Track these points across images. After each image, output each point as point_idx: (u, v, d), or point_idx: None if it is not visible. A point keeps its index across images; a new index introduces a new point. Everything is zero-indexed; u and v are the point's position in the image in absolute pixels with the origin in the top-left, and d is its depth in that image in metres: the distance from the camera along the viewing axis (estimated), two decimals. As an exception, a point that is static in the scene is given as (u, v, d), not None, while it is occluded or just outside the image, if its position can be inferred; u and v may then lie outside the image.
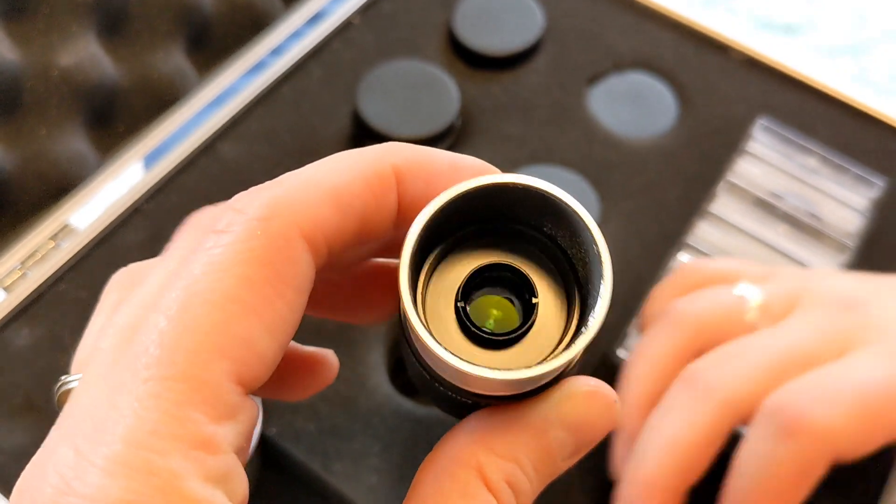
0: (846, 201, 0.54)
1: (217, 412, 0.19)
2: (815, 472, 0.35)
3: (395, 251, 0.23)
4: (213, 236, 0.21)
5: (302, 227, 0.21)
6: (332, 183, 0.22)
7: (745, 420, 0.37)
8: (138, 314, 0.22)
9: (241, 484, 0.20)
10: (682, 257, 0.51)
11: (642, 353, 0.41)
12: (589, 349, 0.22)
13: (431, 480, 0.23)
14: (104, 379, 0.20)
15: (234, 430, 0.20)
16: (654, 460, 0.37)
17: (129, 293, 0.24)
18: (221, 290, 0.20)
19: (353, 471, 0.43)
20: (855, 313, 0.39)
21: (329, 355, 0.32)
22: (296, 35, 0.59)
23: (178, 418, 0.19)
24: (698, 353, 0.39)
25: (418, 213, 0.23)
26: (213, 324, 0.20)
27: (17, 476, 0.21)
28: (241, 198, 0.22)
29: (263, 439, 0.43)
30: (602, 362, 0.47)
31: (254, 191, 0.22)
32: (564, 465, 0.25)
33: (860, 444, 0.36)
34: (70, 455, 0.19)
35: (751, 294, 0.40)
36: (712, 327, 0.40)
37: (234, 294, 0.20)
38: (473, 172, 0.24)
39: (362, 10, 0.61)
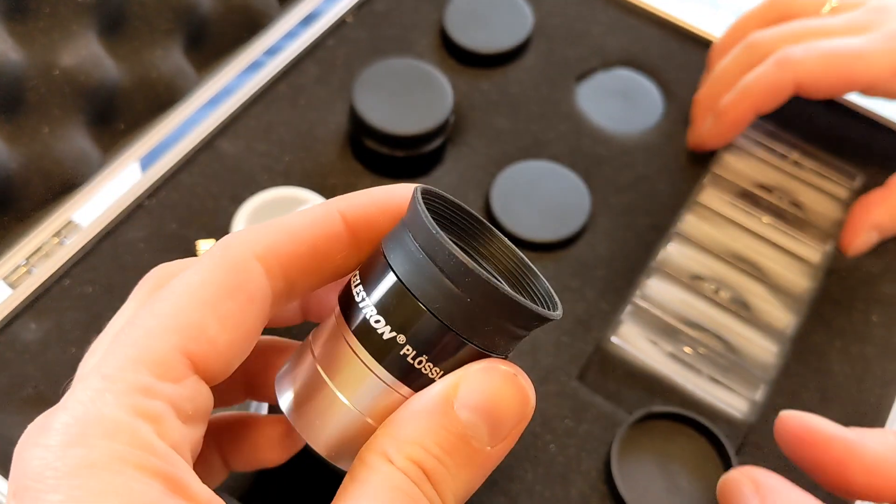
0: (828, 192, 0.56)
1: (161, 372, 0.24)
2: (783, 90, 0.52)
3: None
4: (191, 263, 0.28)
5: (255, 250, 0.27)
6: (284, 222, 0.29)
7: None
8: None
9: (175, 431, 0.24)
10: (671, 247, 0.53)
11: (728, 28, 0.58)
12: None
13: (350, 471, 0.26)
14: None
15: (176, 391, 0.25)
16: (704, 86, 0.57)
17: (153, 289, 0.30)
18: (183, 289, 0.26)
19: (357, 456, 0.44)
20: (881, 13, 0.52)
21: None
22: (291, 34, 0.60)
23: (126, 369, 0.24)
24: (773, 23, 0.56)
25: (372, 236, 0.30)
26: (169, 310, 0.25)
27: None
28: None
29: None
30: (596, 350, 0.49)
31: (227, 235, 0.29)
32: (494, 450, 0.26)
33: (819, 81, 0.51)
34: (49, 411, 0.24)
35: None
36: (788, 7, 0.56)
37: (192, 292, 0.26)
38: (404, 193, 0.30)
39: (356, 9, 0.62)
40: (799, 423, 0.33)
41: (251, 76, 0.58)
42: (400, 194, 0.30)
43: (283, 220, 0.29)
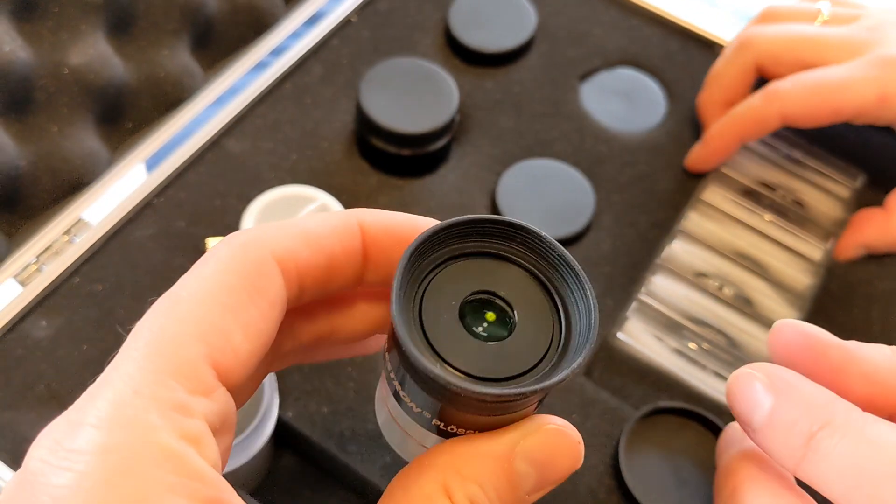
0: (830, 191, 0.56)
1: (192, 386, 0.23)
2: (770, 122, 0.53)
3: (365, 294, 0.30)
4: (204, 258, 0.26)
5: (275, 252, 0.26)
6: (303, 226, 0.27)
7: (763, 72, 0.55)
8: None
9: (213, 450, 0.23)
10: (676, 244, 0.53)
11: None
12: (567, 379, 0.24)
13: (401, 488, 0.26)
14: (108, 367, 0.24)
15: (208, 406, 0.23)
16: (703, 88, 0.58)
17: None
18: (204, 291, 0.24)
19: (367, 451, 0.44)
20: (876, 32, 0.52)
21: None
22: (297, 34, 0.60)
23: (158, 384, 0.22)
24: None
25: (384, 259, 0.28)
26: (193, 316, 0.24)
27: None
28: (231, 234, 0.27)
29: (279, 422, 0.45)
30: (602, 346, 0.49)
31: (241, 230, 0.27)
32: (528, 498, 0.27)
33: (805, 113, 0.52)
34: (62, 423, 0.22)
35: (825, 7, 0.56)
36: (782, 15, 0.57)
37: (214, 295, 0.24)
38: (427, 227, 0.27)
39: (360, 9, 0.62)
40: (795, 330, 0.31)
41: (257, 75, 0.58)
42: (423, 228, 0.27)
43: (302, 222, 0.27)
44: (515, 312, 0.26)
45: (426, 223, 0.28)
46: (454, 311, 0.25)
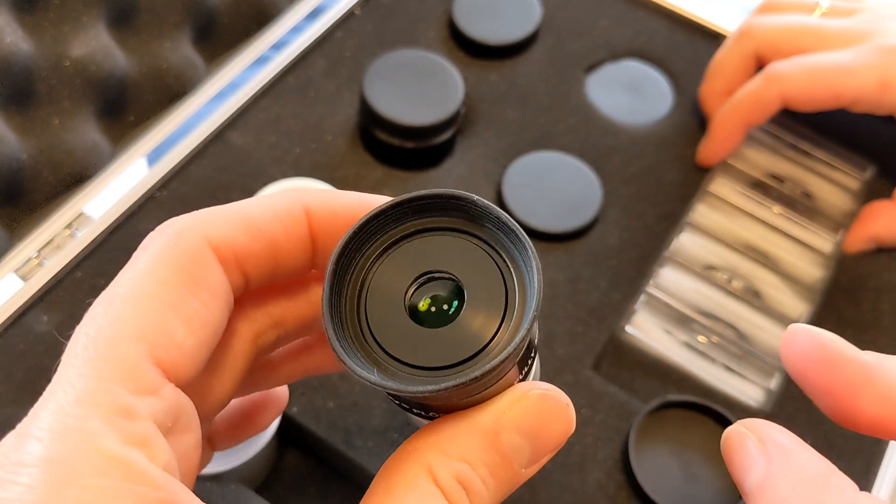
0: (839, 182, 0.56)
1: (136, 386, 0.22)
2: (771, 103, 0.53)
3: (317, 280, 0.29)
4: (139, 252, 0.25)
5: (210, 239, 0.25)
6: (242, 211, 0.26)
7: (763, 62, 0.55)
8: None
9: (164, 451, 0.22)
10: (684, 237, 0.53)
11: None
12: (518, 352, 0.23)
13: (384, 476, 0.25)
14: (53, 377, 0.23)
15: (155, 405, 0.23)
16: (705, 79, 0.58)
17: None
18: (139, 288, 0.24)
19: (374, 446, 0.44)
20: (875, 23, 0.53)
21: (272, 398, 0.34)
22: (299, 27, 0.60)
23: (99, 390, 0.22)
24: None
25: (332, 244, 0.26)
26: (130, 315, 0.23)
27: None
28: (165, 222, 0.26)
29: (284, 418, 0.45)
30: (610, 340, 0.49)
31: (175, 217, 0.26)
32: (526, 472, 0.25)
33: (805, 95, 0.52)
34: (11, 437, 0.22)
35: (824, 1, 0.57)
36: (782, 6, 0.57)
37: (151, 291, 0.24)
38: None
39: (363, 1, 0.62)
40: (810, 339, 0.29)
41: (259, 69, 0.57)
42: (374, 206, 0.27)
43: (241, 207, 0.26)
44: (465, 288, 0.25)
45: (376, 202, 0.27)
46: (400, 301, 0.25)
